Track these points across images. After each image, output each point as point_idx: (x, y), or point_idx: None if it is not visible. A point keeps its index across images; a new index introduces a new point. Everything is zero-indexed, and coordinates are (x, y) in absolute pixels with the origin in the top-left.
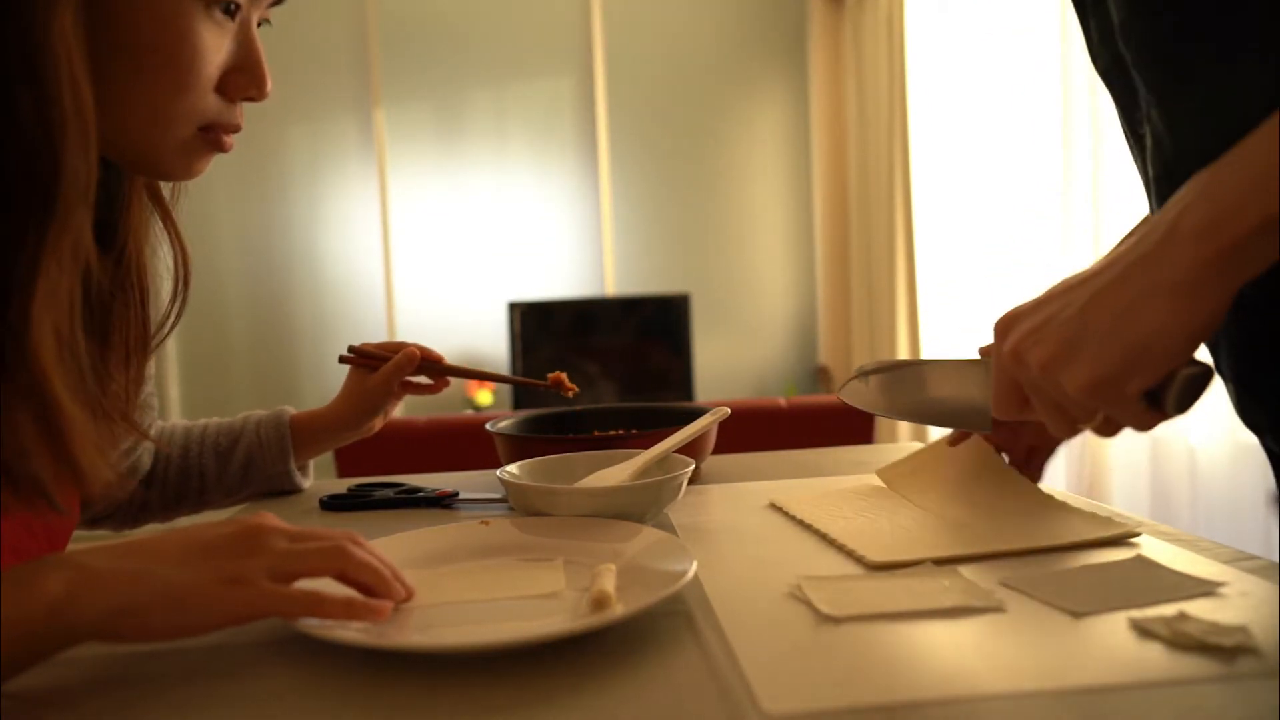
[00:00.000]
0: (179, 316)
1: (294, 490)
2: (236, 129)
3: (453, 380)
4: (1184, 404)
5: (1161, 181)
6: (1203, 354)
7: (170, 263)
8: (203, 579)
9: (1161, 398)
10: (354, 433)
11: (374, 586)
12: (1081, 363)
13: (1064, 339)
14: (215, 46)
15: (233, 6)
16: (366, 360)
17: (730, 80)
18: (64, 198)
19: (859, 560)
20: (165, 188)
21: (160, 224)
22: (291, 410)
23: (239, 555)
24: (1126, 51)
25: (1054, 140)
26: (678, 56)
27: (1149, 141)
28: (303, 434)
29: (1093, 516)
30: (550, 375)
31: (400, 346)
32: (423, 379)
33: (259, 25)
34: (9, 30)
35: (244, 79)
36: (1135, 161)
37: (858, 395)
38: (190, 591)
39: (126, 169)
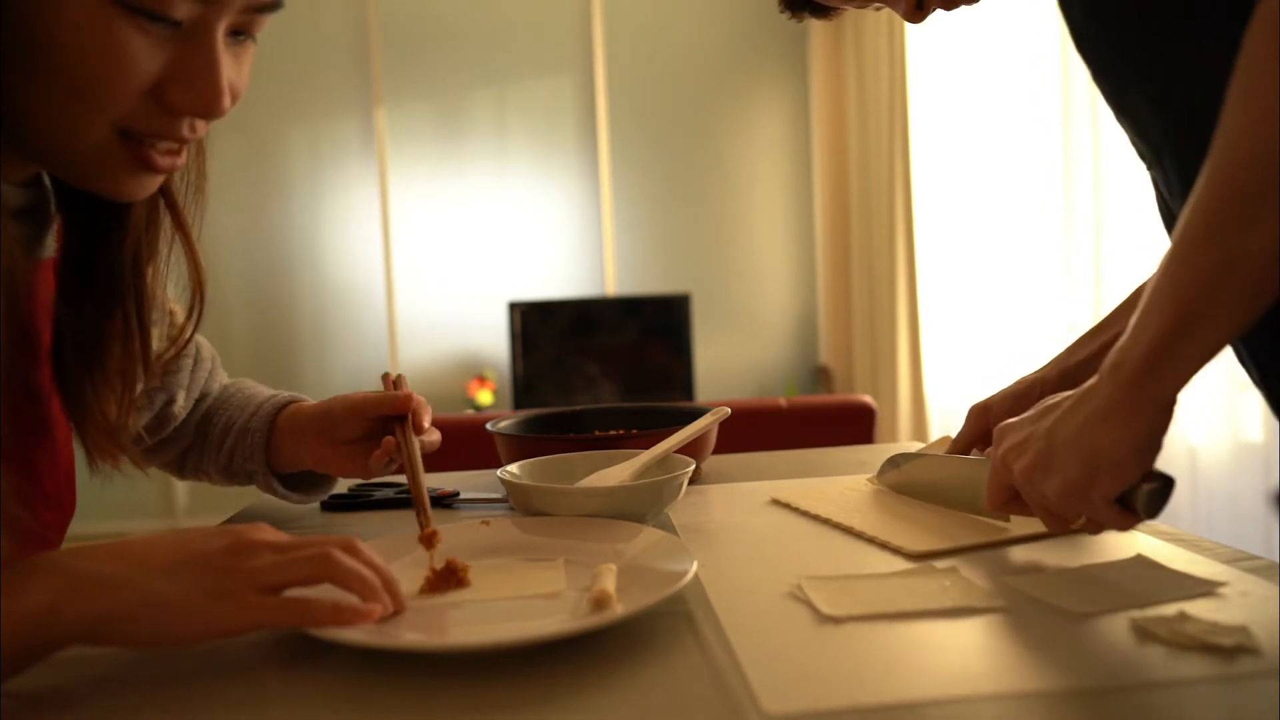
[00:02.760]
0: (194, 333)
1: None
2: (179, 140)
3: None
4: (1152, 510)
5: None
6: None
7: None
8: (189, 591)
9: (1131, 504)
10: (334, 451)
11: (362, 596)
12: (1053, 473)
13: (1038, 453)
14: (137, 53)
15: (163, 16)
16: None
17: (731, 80)
18: None
19: (897, 552)
20: (180, 193)
21: (175, 236)
22: (299, 399)
23: (225, 568)
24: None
25: (1055, 140)
26: (678, 56)
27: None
28: (287, 431)
29: None
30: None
31: (405, 400)
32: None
33: (240, 38)
34: None
35: (187, 94)
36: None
37: (889, 479)
38: (175, 603)
39: (62, 178)
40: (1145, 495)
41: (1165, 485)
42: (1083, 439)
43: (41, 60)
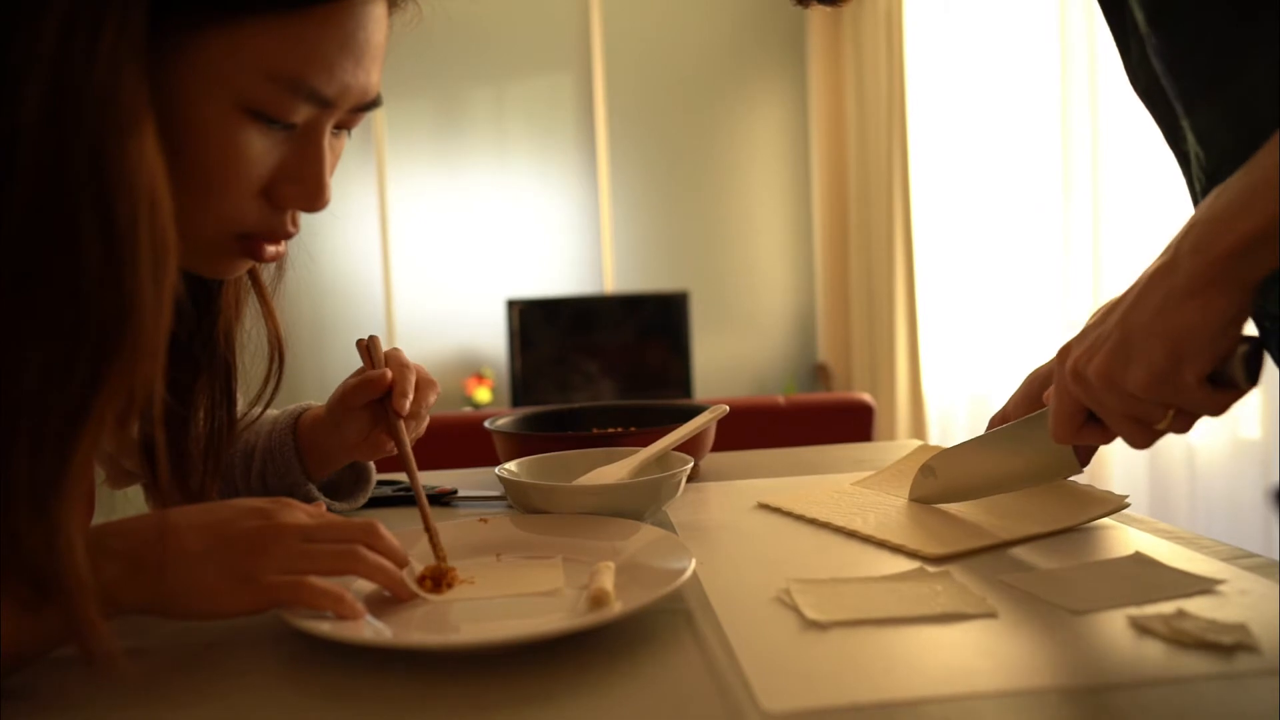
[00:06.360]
0: (272, 398)
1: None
2: (285, 237)
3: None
4: (1253, 376)
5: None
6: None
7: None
8: (219, 577)
9: (1229, 377)
10: (346, 438)
11: (386, 587)
12: (1135, 364)
13: (1112, 348)
14: (257, 156)
15: (284, 121)
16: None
17: (730, 78)
18: (130, 337)
19: (913, 555)
20: (266, 269)
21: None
22: (311, 405)
23: (254, 552)
24: (1156, 62)
25: (1054, 139)
26: (677, 54)
27: (1191, 156)
28: (310, 439)
29: (1085, 496)
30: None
31: (398, 371)
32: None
33: (338, 132)
34: (78, 155)
35: (296, 190)
36: (1184, 179)
37: (926, 490)
38: (208, 589)
39: None
40: (1242, 359)
41: (1256, 348)
42: (1164, 319)
43: (167, 159)
